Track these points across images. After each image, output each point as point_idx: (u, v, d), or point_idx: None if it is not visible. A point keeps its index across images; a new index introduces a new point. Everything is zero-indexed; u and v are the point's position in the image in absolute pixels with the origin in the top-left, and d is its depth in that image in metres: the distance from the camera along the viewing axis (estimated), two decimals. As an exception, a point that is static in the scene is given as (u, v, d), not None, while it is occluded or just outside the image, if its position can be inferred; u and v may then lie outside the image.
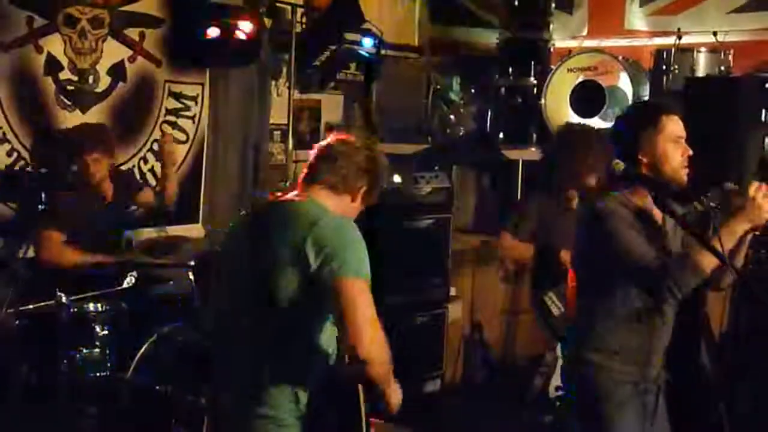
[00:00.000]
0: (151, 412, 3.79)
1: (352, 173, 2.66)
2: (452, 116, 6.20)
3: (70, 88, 4.82)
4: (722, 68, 5.25)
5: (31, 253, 4.44)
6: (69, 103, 4.83)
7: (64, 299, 3.80)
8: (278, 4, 5.52)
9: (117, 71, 5.04)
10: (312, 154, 2.77)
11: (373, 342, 2.37)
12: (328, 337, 2.60)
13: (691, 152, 2.85)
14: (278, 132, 5.90)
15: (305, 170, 2.73)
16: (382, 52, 6.16)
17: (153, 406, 3.80)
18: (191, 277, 4.28)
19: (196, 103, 5.46)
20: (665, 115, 2.85)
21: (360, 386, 2.64)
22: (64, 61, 4.79)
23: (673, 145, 2.83)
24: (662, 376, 3.00)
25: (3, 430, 3.80)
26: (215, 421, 2.84)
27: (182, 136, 5.41)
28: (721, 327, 4.55)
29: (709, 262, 2.68)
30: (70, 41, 4.80)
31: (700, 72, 5.23)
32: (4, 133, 4.58)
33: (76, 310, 3.91)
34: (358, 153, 2.69)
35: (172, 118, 5.35)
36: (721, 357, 4.36)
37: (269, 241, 2.52)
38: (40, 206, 4.34)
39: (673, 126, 2.85)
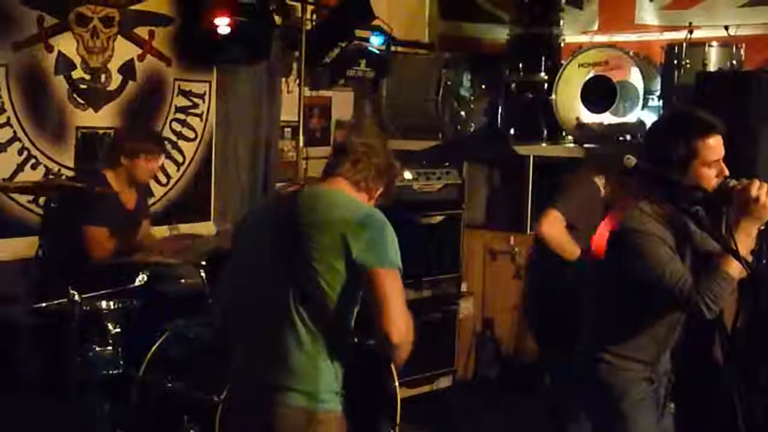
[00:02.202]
0: (163, 410, 3.81)
1: (372, 175, 2.79)
2: (463, 112, 6.19)
3: (83, 86, 4.84)
4: (734, 62, 5.22)
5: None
6: (82, 101, 4.85)
7: (76, 297, 3.82)
8: (288, 2, 5.52)
9: (127, 70, 5.05)
10: (333, 150, 2.93)
11: (404, 330, 2.54)
12: (353, 318, 2.73)
13: (727, 172, 2.76)
14: (289, 129, 5.90)
15: (327, 165, 2.84)
16: (392, 48, 6.16)
17: (165, 404, 3.81)
18: (203, 274, 4.29)
19: (204, 100, 5.47)
20: (701, 140, 2.74)
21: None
22: (77, 60, 4.81)
23: (707, 168, 2.75)
24: (668, 369, 3.00)
25: (16, 427, 3.82)
26: (239, 407, 2.85)
27: (191, 134, 5.43)
28: (735, 323, 4.53)
29: (735, 268, 2.67)
30: (82, 40, 4.82)
31: (712, 66, 5.20)
32: (15, 133, 4.60)
33: (88, 307, 3.94)
34: (378, 156, 2.81)
35: (181, 116, 5.36)
36: (734, 352, 4.34)
37: (310, 226, 2.61)
38: (79, 204, 4.36)
39: (708, 151, 2.74)
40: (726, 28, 5.38)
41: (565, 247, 4.14)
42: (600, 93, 5.51)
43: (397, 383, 2.84)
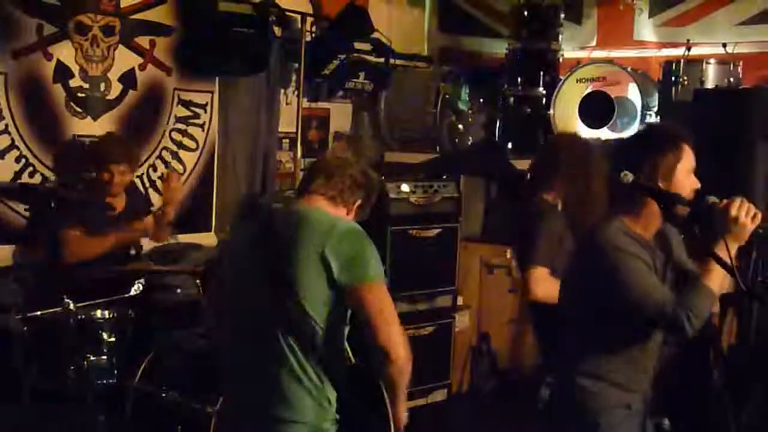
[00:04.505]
0: (158, 420, 3.79)
1: (347, 187, 2.74)
2: (461, 126, 6.20)
3: (81, 95, 4.85)
4: (731, 80, 5.24)
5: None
6: (80, 110, 4.85)
7: (71, 306, 3.81)
8: (288, 14, 5.54)
9: (128, 79, 5.06)
10: (307, 168, 2.89)
11: (400, 344, 2.50)
12: (344, 339, 2.68)
13: (698, 186, 2.78)
14: (287, 140, 5.92)
15: (301, 184, 2.81)
16: (391, 61, 6.17)
17: (159, 414, 3.80)
18: (198, 283, 4.29)
19: (206, 111, 5.47)
20: (685, 145, 2.76)
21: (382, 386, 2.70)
22: (75, 69, 4.81)
23: (687, 175, 2.76)
24: (649, 394, 2.96)
25: (9, 437, 3.81)
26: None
27: (192, 144, 5.43)
28: (730, 341, 4.53)
29: (718, 283, 2.66)
30: (81, 49, 4.82)
31: (709, 83, 5.22)
32: (13, 140, 4.61)
33: (83, 316, 3.92)
34: (352, 168, 2.78)
35: (181, 126, 5.37)
36: (730, 371, 4.34)
37: (287, 250, 2.55)
38: (52, 208, 4.32)
39: (689, 158, 2.77)
40: (724, 45, 5.41)
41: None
42: (598, 108, 5.52)
43: (389, 406, 2.79)
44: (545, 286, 3.69)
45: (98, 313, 4.00)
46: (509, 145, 6.00)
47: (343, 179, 2.73)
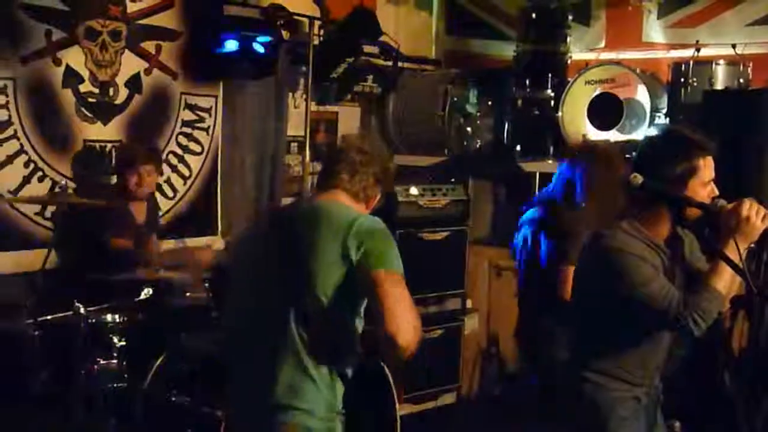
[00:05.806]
0: (168, 424, 3.80)
1: (371, 184, 2.75)
2: (469, 128, 6.20)
3: (91, 100, 4.86)
4: (741, 81, 5.22)
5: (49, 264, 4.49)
6: (90, 115, 4.87)
7: (82, 310, 3.82)
8: (295, 17, 5.54)
9: (134, 83, 5.07)
10: (327, 158, 2.87)
11: (410, 331, 2.45)
12: (358, 336, 2.66)
13: (717, 193, 2.78)
14: (295, 144, 5.92)
15: (323, 176, 2.80)
16: (399, 64, 6.17)
17: (169, 418, 3.81)
18: (207, 286, 4.29)
19: (210, 114, 5.48)
20: (702, 159, 2.75)
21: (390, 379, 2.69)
22: (85, 74, 4.83)
23: (702, 187, 2.76)
24: (659, 389, 2.99)
25: (20, 441, 3.82)
26: (237, 424, 2.82)
27: (197, 148, 5.44)
28: (741, 344, 4.51)
29: (725, 285, 2.67)
30: (90, 54, 4.84)
31: (719, 85, 5.20)
32: (21, 146, 4.62)
33: (93, 321, 3.94)
34: (375, 163, 2.76)
35: (187, 130, 5.38)
36: (741, 374, 4.32)
37: (306, 244, 2.55)
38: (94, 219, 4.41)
39: (706, 170, 2.76)
40: (733, 46, 5.39)
41: None
42: (606, 110, 5.50)
43: (397, 405, 2.80)
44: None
45: (108, 317, 4.02)
46: (518, 148, 5.98)
47: (367, 176, 2.73)
